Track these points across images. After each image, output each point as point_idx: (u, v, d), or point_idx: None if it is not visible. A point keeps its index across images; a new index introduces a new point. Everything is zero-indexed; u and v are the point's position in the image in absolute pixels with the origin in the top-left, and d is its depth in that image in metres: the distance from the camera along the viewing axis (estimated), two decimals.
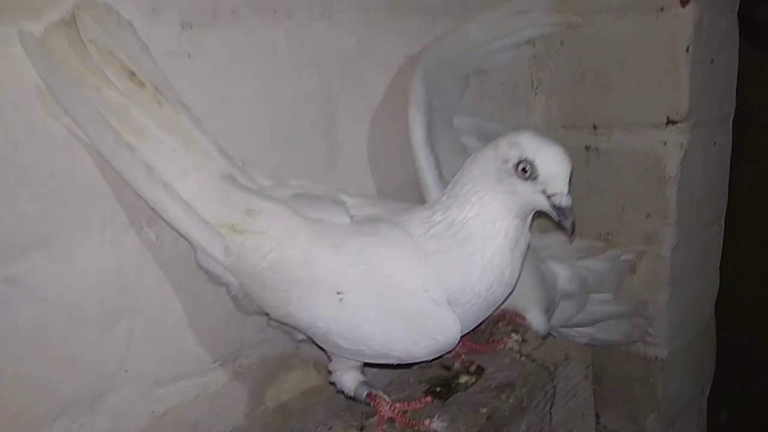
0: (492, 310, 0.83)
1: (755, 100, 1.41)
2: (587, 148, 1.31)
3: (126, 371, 0.82)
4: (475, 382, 0.87)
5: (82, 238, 0.76)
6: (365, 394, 0.83)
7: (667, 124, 1.19)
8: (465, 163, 0.80)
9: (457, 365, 0.92)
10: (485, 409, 0.79)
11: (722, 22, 1.25)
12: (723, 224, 1.43)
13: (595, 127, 1.29)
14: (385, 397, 0.82)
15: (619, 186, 1.28)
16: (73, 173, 0.75)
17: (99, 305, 0.79)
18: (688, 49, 1.15)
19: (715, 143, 1.32)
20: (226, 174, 0.81)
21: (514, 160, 0.74)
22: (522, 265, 0.81)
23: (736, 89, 1.36)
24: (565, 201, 0.74)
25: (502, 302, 0.83)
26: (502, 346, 0.95)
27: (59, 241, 0.74)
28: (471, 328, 0.85)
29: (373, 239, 0.79)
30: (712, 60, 1.22)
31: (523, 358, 0.91)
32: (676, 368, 1.35)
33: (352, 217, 0.83)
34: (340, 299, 0.76)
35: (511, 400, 0.81)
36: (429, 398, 0.84)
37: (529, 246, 0.83)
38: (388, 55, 1.08)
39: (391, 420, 0.81)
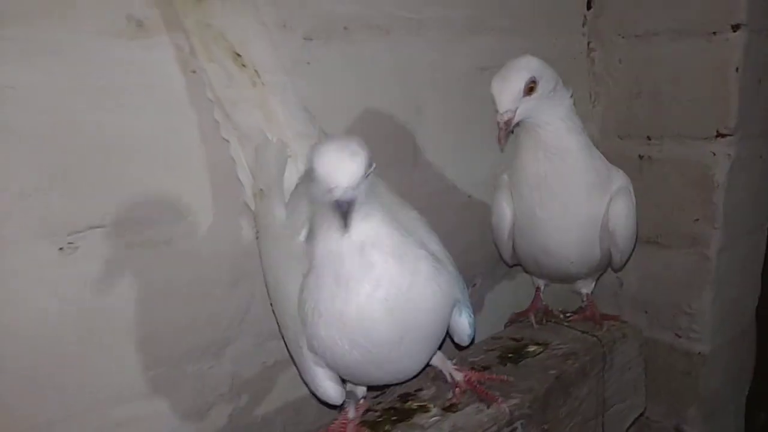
0: (380, 367, 0.76)
1: None
2: (641, 157, 1.43)
3: (247, 324, 0.98)
4: (542, 351, 1.00)
5: (220, 207, 0.92)
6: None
7: (716, 136, 1.31)
8: None
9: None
10: (554, 371, 0.92)
11: None
12: (766, 232, 1.53)
13: (648, 138, 1.41)
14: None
15: (670, 192, 1.39)
16: (219, 157, 0.91)
17: (230, 266, 0.94)
18: (737, 70, 1.27)
19: (761, 157, 1.42)
20: (280, 156, 0.88)
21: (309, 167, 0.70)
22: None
23: None
24: (337, 193, 0.66)
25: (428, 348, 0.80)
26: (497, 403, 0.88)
27: (204, 210, 0.91)
28: (385, 381, 0.84)
29: (287, 270, 0.80)
30: (759, 80, 1.34)
31: (584, 334, 1.04)
32: (717, 364, 1.45)
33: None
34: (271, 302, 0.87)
35: (576, 365, 0.94)
36: (506, 377, 0.91)
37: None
38: (466, 68, 1.22)
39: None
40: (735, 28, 1.25)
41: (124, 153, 0.82)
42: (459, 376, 0.90)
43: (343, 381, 0.83)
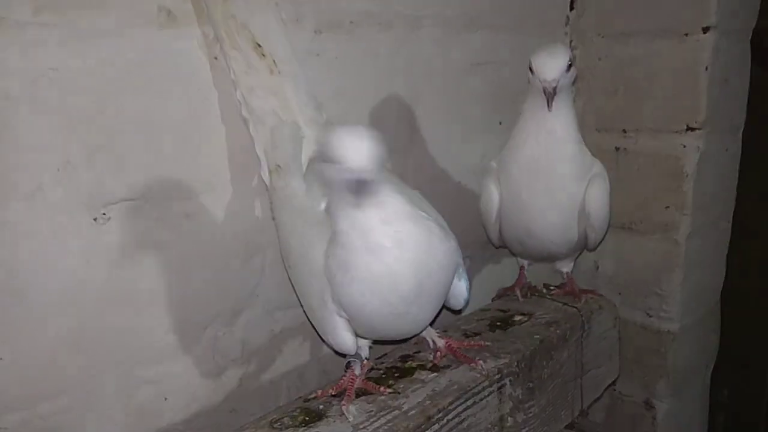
0: (395, 312, 0.84)
1: (763, 116, 1.63)
2: (617, 149, 1.54)
3: (257, 295, 1.06)
4: (527, 320, 1.10)
5: (237, 185, 1.00)
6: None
7: (686, 130, 1.42)
8: None
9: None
10: (538, 336, 1.02)
11: (736, 48, 1.48)
12: (731, 222, 1.65)
13: (624, 131, 1.52)
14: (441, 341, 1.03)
15: (644, 181, 1.50)
16: (237, 138, 0.99)
17: (245, 241, 1.02)
18: (706, 69, 1.38)
19: (726, 150, 1.54)
20: (294, 135, 0.97)
21: (324, 148, 0.78)
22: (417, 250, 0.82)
23: (747, 105, 1.59)
24: (356, 175, 0.75)
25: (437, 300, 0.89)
26: (474, 364, 0.97)
27: (221, 187, 0.98)
28: (392, 332, 0.92)
29: (311, 236, 0.89)
30: (726, 79, 1.45)
31: (565, 306, 1.14)
32: (685, 342, 1.57)
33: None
34: (289, 269, 0.96)
35: (558, 332, 1.04)
36: (483, 343, 1.03)
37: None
38: (460, 61, 1.31)
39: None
40: (705, 30, 1.36)
41: (152, 132, 0.90)
42: (441, 343, 1.01)
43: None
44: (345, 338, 0.89)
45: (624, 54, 1.49)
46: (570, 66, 1.08)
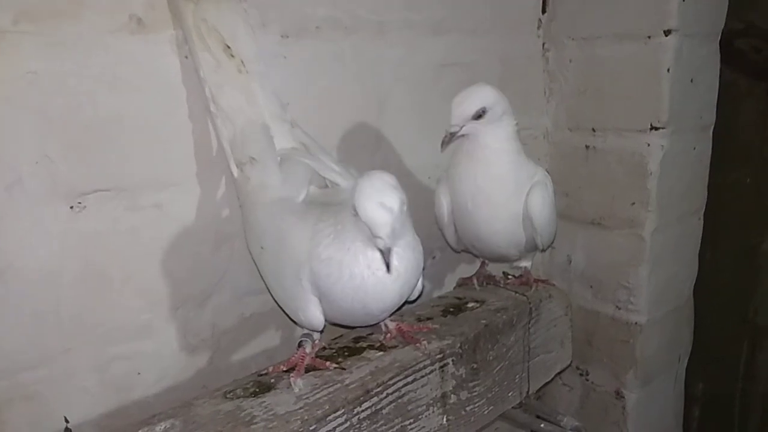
0: (369, 313, 0.97)
1: (734, 114, 1.68)
2: (587, 147, 1.60)
3: (227, 281, 1.14)
4: (479, 307, 1.17)
5: (205, 178, 1.07)
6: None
7: (650, 129, 1.47)
8: None
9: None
10: (484, 321, 1.09)
11: (703, 49, 1.53)
12: (702, 218, 1.70)
13: (593, 130, 1.58)
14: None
15: (611, 179, 1.56)
16: (204, 134, 1.07)
17: (214, 230, 1.10)
18: (668, 70, 1.43)
19: (694, 148, 1.59)
20: (266, 130, 1.05)
21: (352, 201, 0.88)
22: (406, 288, 0.96)
23: (718, 104, 1.63)
24: (380, 244, 0.86)
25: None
26: (418, 344, 1.06)
27: (190, 180, 1.06)
28: (354, 322, 1.05)
29: (292, 223, 0.97)
30: (691, 79, 1.50)
31: (516, 294, 1.21)
32: (653, 333, 1.62)
33: (307, 195, 1.04)
34: (261, 251, 1.02)
35: (504, 317, 1.11)
36: (431, 326, 1.11)
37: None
38: (427, 64, 1.38)
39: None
40: (667, 33, 1.42)
41: (124, 128, 0.98)
42: (392, 325, 1.09)
43: None
44: (315, 314, 0.96)
45: (592, 56, 1.55)
46: (482, 114, 1.13)
